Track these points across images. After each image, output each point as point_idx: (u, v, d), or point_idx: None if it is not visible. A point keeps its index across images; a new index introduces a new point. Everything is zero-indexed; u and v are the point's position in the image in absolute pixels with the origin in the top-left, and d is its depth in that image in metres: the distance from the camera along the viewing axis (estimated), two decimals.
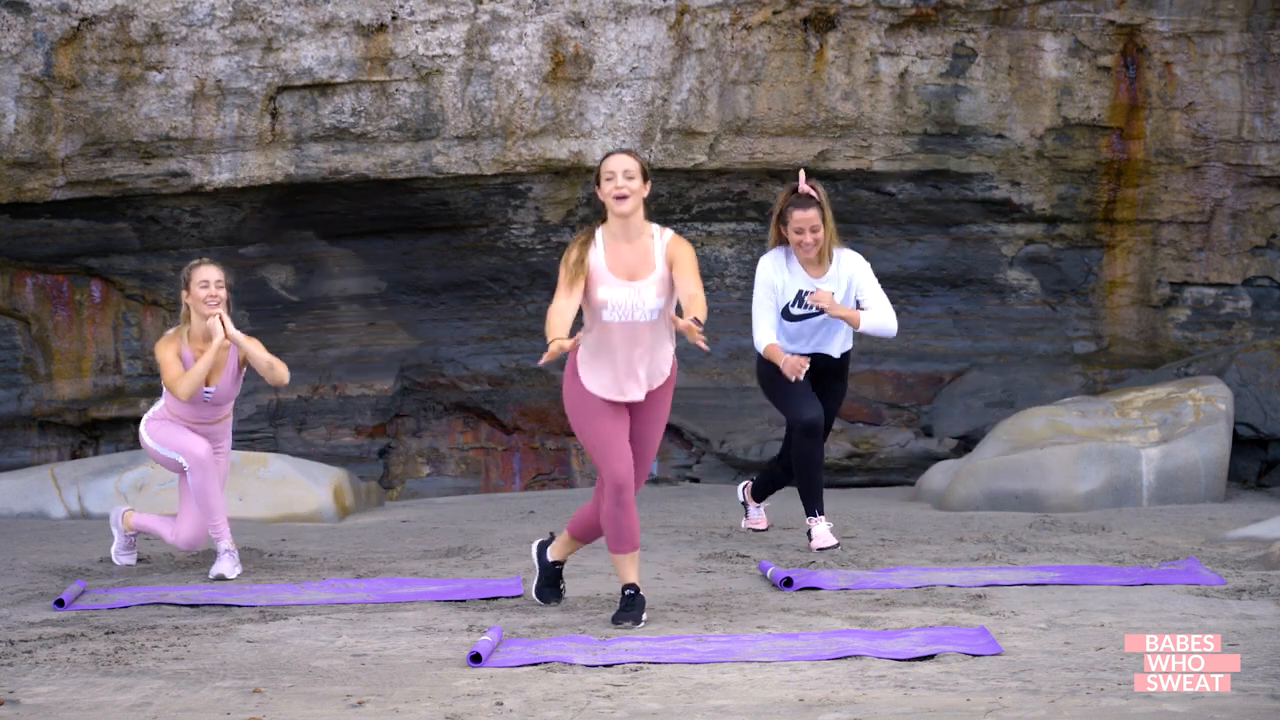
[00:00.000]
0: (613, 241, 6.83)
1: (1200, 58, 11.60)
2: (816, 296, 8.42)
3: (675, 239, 6.88)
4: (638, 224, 6.84)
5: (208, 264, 8.37)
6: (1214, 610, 6.73)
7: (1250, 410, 11.33)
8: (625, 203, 6.77)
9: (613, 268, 6.80)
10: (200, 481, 8.28)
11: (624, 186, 6.77)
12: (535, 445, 12.37)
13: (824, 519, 8.65)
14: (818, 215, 8.43)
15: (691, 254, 6.86)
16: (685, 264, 6.82)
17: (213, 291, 8.28)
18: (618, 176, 6.78)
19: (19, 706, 5.46)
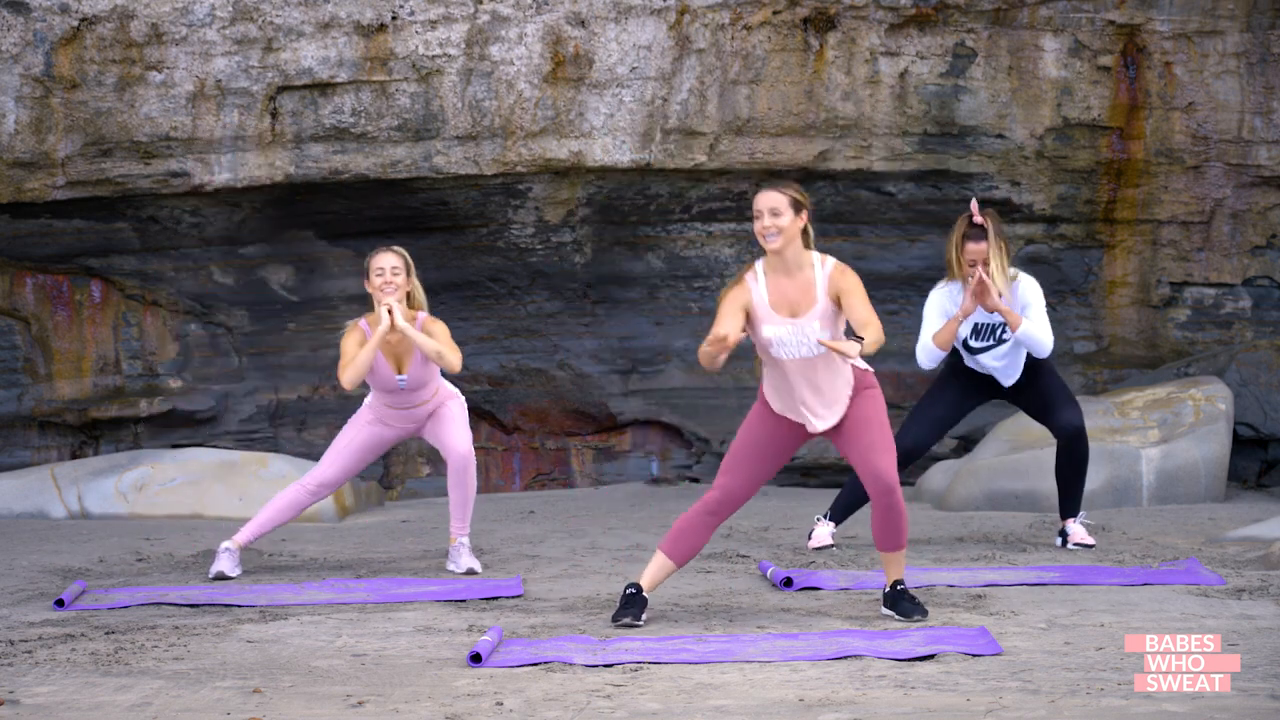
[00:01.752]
0: (773, 275, 6.77)
1: (1200, 58, 11.61)
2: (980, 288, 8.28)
3: (838, 269, 6.76)
4: (796, 256, 6.75)
5: (384, 251, 8.31)
6: (1214, 610, 6.73)
7: (1250, 410, 11.33)
8: (775, 241, 6.71)
9: (775, 305, 6.73)
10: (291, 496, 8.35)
11: (770, 225, 6.70)
12: (535, 445, 12.37)
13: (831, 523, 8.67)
14: (988, 247, 8.36)
15: (858, 284, 6.72)
16: (854, 295, 6.68)
17: (388, 279, 8.23)
18: (764, 216, 6.71)
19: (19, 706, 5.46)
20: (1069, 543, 8.60)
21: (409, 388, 8.32)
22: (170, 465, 10.75)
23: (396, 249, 8.35)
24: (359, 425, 8.46)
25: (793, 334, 6.73)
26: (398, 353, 8.31)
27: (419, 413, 8.44)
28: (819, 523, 8.70)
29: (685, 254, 12.03)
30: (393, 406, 8.39)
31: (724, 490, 6.85)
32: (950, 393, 8.69)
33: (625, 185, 11.58)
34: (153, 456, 10.93)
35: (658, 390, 12.26)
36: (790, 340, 6.73)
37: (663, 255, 11.99)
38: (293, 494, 8.36)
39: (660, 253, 11.97)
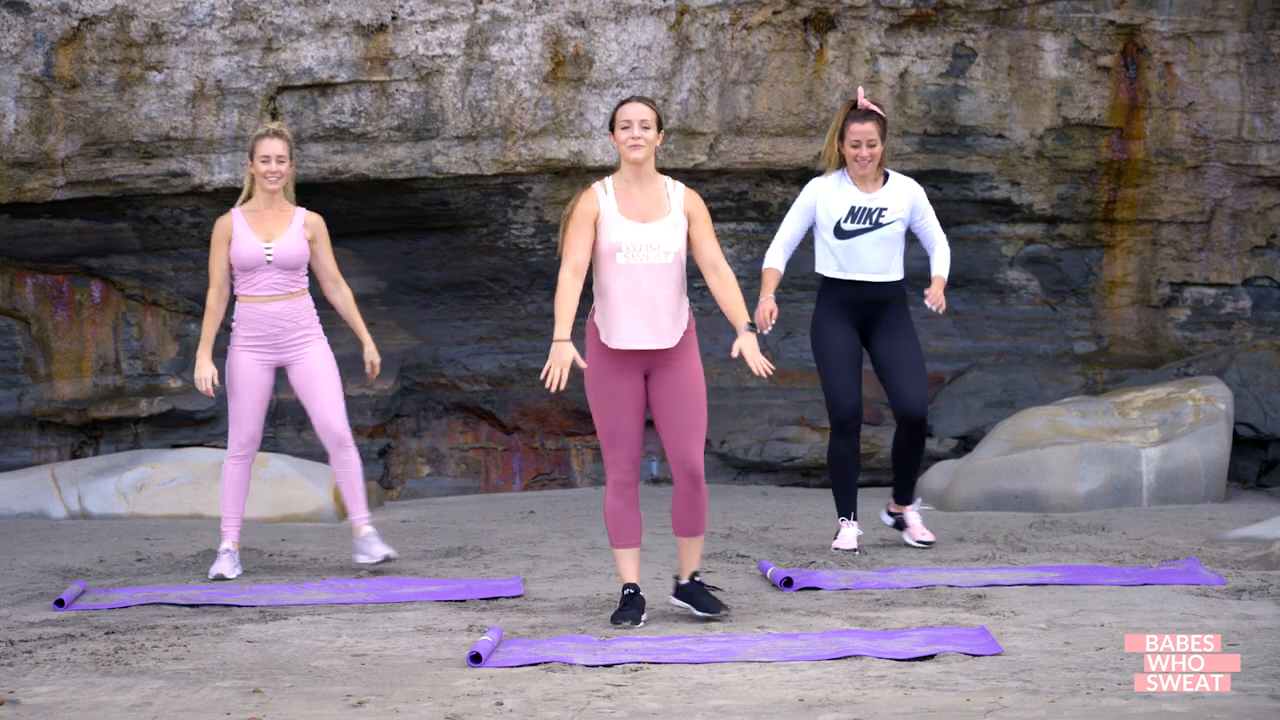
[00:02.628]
0: (624, 187, 6.81)
1: (1200, 58, 11.61)
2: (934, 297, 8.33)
3: (690, 192, 6.88)
4: (650, 172, 6.84)
5: (273, 135, 8.25)
6: (1214, 610, 6.73)
7: (1250, 410, 11.33)
8: (640, 150, 6.76)
9: (625, 210, 6.77)
10: (232, 470, 8.26)
11: (640, 136, 6.77)
12: (535, 445, 12.37)
13: (855, 523, 8.60)
14: (876, 129, 8.35)
15: (707, 211, 6.85)
16: (704, 223, 6.82)
17: (273, 167, 8.22)
18: (634, 126, 6.77)
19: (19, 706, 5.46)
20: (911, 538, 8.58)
21: (278, 264, 8.21)
22: (170, 465, 10.75)
23: (284, 132, 8.26)
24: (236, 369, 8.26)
25: (642, 237, 6.75)
26: (267, 222, 8.25)
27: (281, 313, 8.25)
28: (845, 524, 8.62)
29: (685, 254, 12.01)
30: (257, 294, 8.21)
31: (617, 467, 6.81)
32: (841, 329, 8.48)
33: None
34: (153, 456, 10.93)
35: None
36: (639, 244, 6.75)
37: None
38: (235, 469, 8.29)
39: None
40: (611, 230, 6.75)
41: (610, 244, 6.75)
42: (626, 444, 6.82)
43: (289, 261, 8.22)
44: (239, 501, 8.28)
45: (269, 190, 8.24)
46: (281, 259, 8.20)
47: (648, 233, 6.75)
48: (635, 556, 6.89)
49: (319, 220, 8.41)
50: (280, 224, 8.22)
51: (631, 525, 6.84)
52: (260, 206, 8.29)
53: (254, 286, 8.21)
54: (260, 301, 8.23)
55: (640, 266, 6.74)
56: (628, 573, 6.86)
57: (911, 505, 8.75)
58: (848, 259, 8.44)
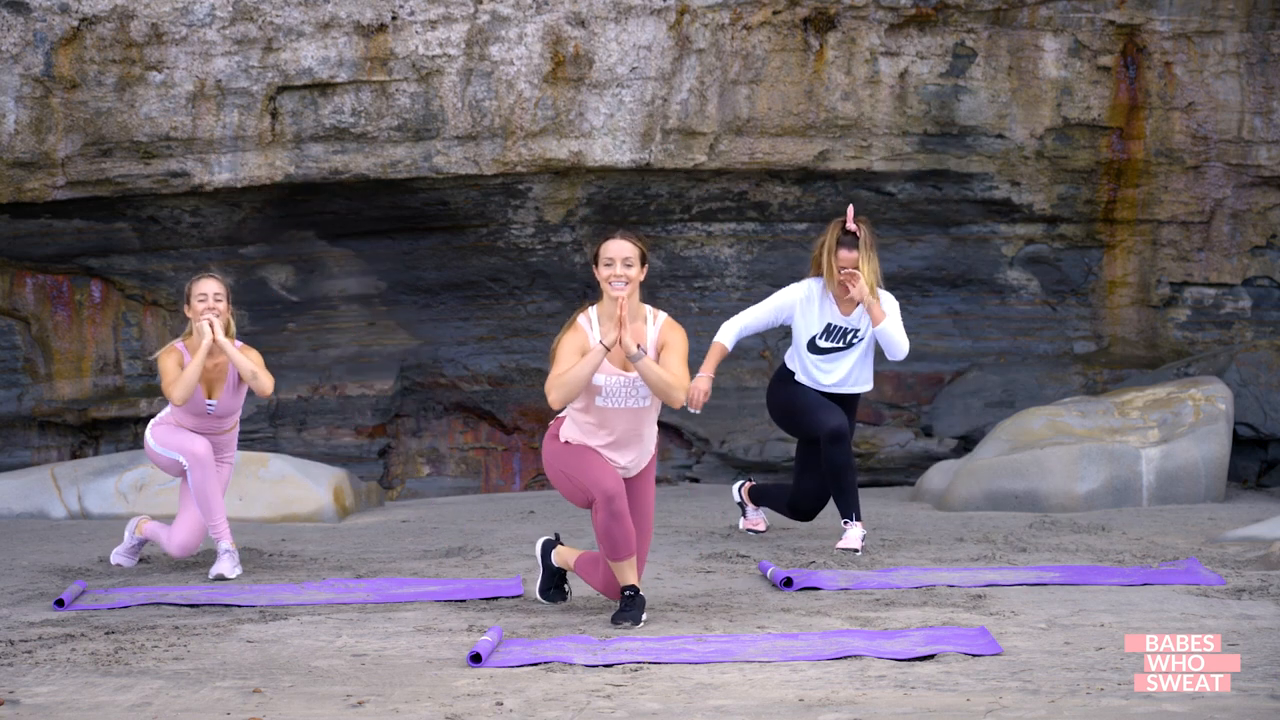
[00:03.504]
0: (607, 324, 6.82)
1: (1200, 58, 11.61)
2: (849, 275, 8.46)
3: (669, 323, 6.91)
4: (633, 307, 6.87)
5: (207, 277, 8.44)
6: (1214, 610, 6.73)
7: (1250, 410, 11.33)
8: (623, 289, 6.78)
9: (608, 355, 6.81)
10: (200, 480, 8.29)
11: (622, 275, 6.79)
12: (535, 445, 12.37)
13: (859, 524, 8.66)
14: (859, 257, 8.52)
15: (683, 340, 6.89)
16: (675, 350, 6.86)
17: (210, 304, 8.36)
18: (616, 264, 6.80)
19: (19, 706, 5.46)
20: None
21: (216, 413, 8.40)
22: None
23: (218, 275, 8.47)
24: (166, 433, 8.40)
25: (623, 385, 6.82)
26: (210, 379, 8.40)
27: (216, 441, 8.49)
28: (848, 524, 8.66)
29: (685, 254, 12.03)
30: (195, 430, 8.43)
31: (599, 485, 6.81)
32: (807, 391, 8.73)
33: (625, 185, 11.58)
34: None
35: None
36: (619, 391, 6.82)
37: (662, 255, 11.99)
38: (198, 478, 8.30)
39: (660, 253, 11.97)
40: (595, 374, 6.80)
41: (592, 386, 6.81)
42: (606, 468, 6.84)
43: (225, 413, 8.47)
44: (220, 504, 8.34)
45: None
46: (220, 410, 8.43)
47: (628, 381, 6.82)
48: (634, 563, 6.89)
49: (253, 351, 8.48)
50: (220, 375, 8.40)
51: (626, 538, 6.84)
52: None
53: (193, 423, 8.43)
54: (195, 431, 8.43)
55: (620, 410, 6.84)
56: (627, 576, 6.87)
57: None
58: (819, 372, 8.70)
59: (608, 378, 6.81)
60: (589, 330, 6.84)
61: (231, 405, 8.45)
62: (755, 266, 11.98)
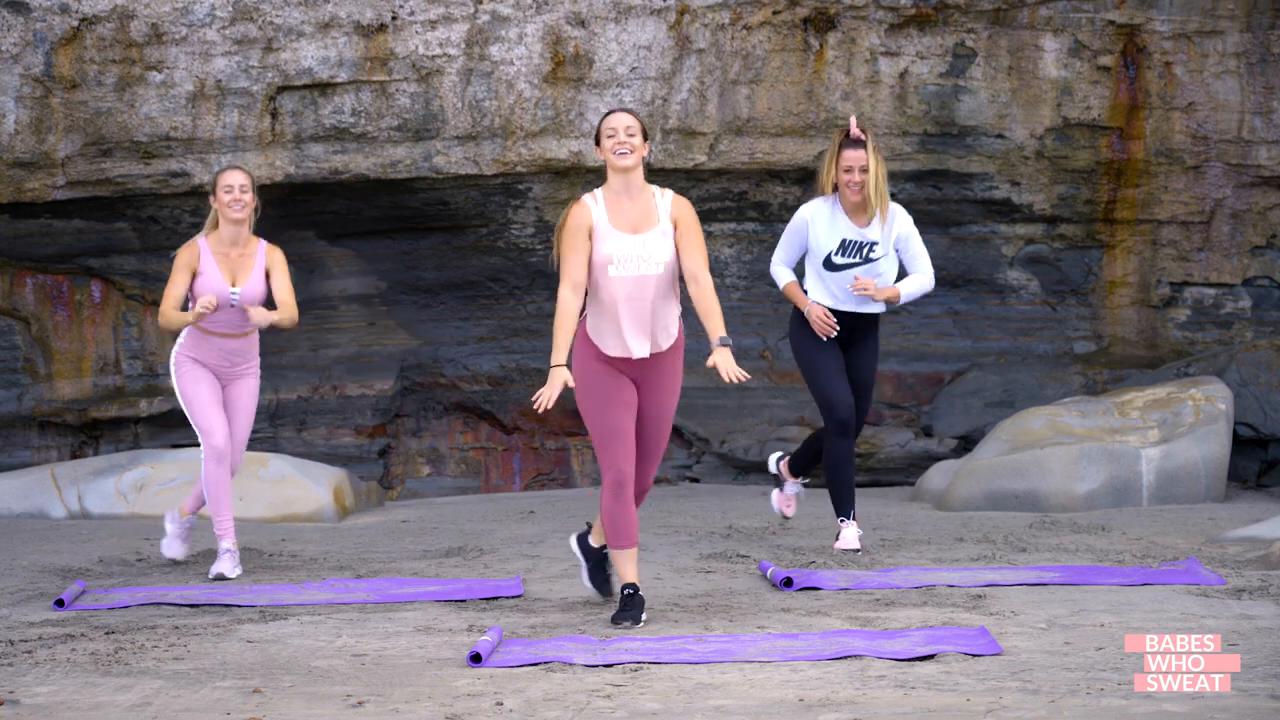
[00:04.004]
0: (614, 198, 6.82)
1: (1200, 58, 11.60)
2: (861, 283, 8.37)
3: (678, 198, 6.89)
4: (639, 182, 6.84)
5: (234, 168, 8.34)
6: (1214, 610, 6.73)
7: (1250, 410, 11.33)
8: (628, 158, 6.77)
9: (615, 222, 6.79)
10: (213, 476, 8.26)
11: (626, 143, 6.78)
12: (535, 445, 12.37)
13: (855, 523, 8.62)
14: (865, 155, 8.37)
15: (696, 218, 6.87)
16: (692, 230, 6.83)
17: (236, 196, 8.24)
18: (619, 133, 6.80)
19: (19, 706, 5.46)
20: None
21: (244, 300, 8.26)
22: (170, 465, 10.75)
23: (244, 168, 8.36)
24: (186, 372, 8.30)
25: (634, 249, 6.76)
26: (233, 265, 8.27)
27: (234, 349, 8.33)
28: (844, 524, 8.64)
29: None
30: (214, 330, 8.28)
31: (614, 467, 6.83)
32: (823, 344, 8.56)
33: None
34: (153, 456, 10.93)
35: None
36: (630, 256, 6.76)
37: None
38: (212, 473, 8.28)
39: None
40: (604, 243, 6.78)
41: (602, 256, 6.78)
42: (622, 442, 6.83)
43: (252, 303, 8.34)
44: (227, 501, 8.30)
45: (234, 219, 8.23)
46: (246, 301, 8.32)
47: (638, 243, 6.77)
48: (634, 556, 6.89)
49: (279, 255, 8.41)
50: (245, 265, 8.28)
51: (629, 525, 6.85)
52: (225, 243, 8.28)
53: (212, 322, 8.31)
54: (216, 336, 8.34)
55: (632, 278, 6.78)
56: (627, 573, 6.86)
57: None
58: (836, 290, 8.53)
59: (616, 243, 6.75)
60: (592, 206, 6.80)
61: (257, 295, 8.30)
62: (755, 266, 11.98)
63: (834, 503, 8.64)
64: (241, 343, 8.41)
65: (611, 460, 6.83)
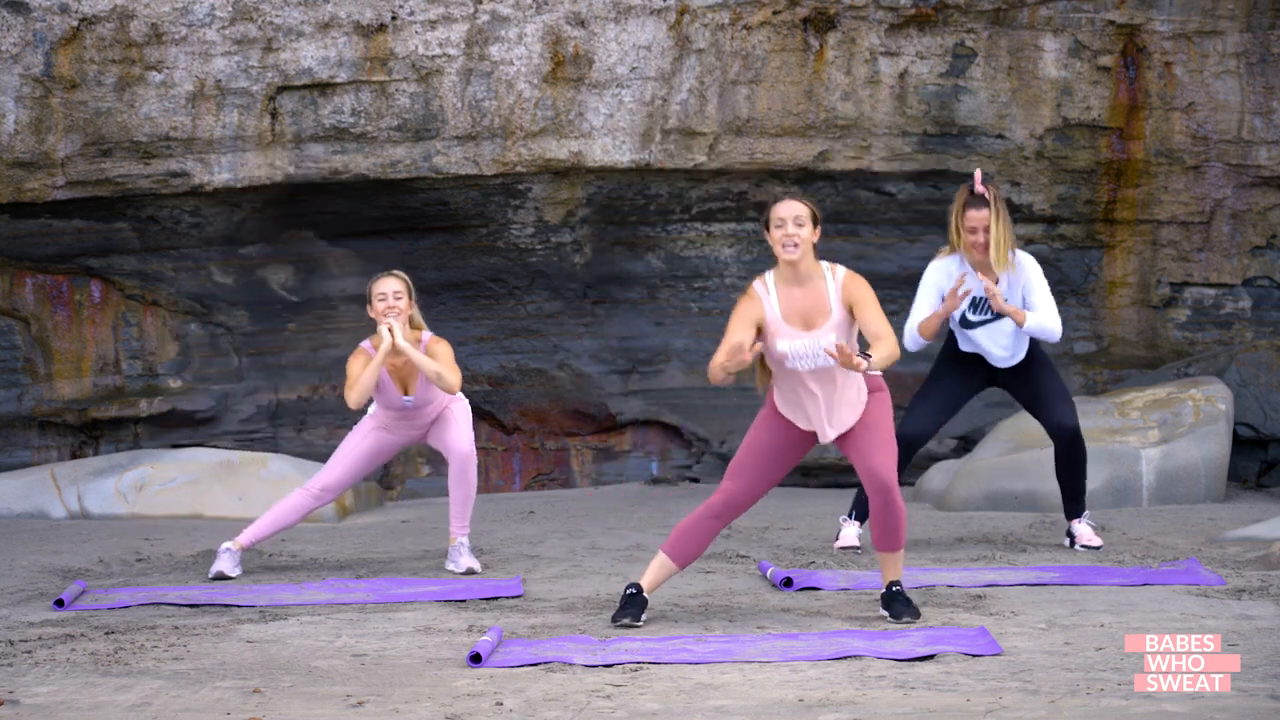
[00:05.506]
0: (785, 287, 6.74)
1: (1200, 58, 11.60)
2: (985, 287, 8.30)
3: (850, 277, 6.76)
4: (808, 268, 6.74)
5: (386, 276, 8.40)
6: (1214, 610, 6.73)
7: (1250, 410, 11.33)
8: (794, 252, 6.69)
9: (788, 317, 6.71)
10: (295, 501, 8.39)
11: (794, 235, 6.68)
12: (535, 445, 12.37)
13: (855, 522, 8.64)
14: (989, 215, 8.34)
15: (871, 293, 6.74)
16: (867, 303, 6.70)
17: (390, 304, 8.31)
18: (788, 224, 6.70)
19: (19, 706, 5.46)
20: (1076, 544, 8.58)
21: (415, 406, 8.41)
22: (170, 465, 10.75)
23: (399, 274, 8.45)
24: (364, 432, 8.50)
25: (808, 346, 6.71)
26: (403, 375, 8.38)
27: (424, 421, 8.50)
28: (845, 523, 8.66)
29: (685, 254, 12.03)
30: (399, 420, 8.46)
31: (729, 494, 6.84)
32: (948, 380, 8.64)
33: (625, 185, 11.58)
34: (153, 456, 10.93)
35: (657, 390, 12.26)
36: (806, 353, 6.72)
37: (662, 255, 11.99)
38: (297, 498, 8.39)
39: (660, 253, 11.98)
40: (777, 340, 6.71)
41: (778, 353, 6.73)
42: (750, 483, 6.81)
43: (424, 405, 8.45)
44: (275, 524, 8.35)
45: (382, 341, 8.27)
46: (419, 404, 8.42)
47: (812, 341, 6.69)
48: (670, 569, 6.83)
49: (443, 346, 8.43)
50: (413, 371, 8.35)
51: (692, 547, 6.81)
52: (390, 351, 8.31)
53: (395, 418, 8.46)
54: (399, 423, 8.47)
55: (809, 373, 6.73)
56: (646, 576, 6.85)
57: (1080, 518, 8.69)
58: (977, 345, 8.55)
59: (790, 341, 6.70)
60: (765, 298, 6.73)
61: (428, 397, 8.39)
62: (755, 266, 11.98)
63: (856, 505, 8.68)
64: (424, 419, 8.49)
65: (727, 488, 6.81)
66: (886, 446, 6.76)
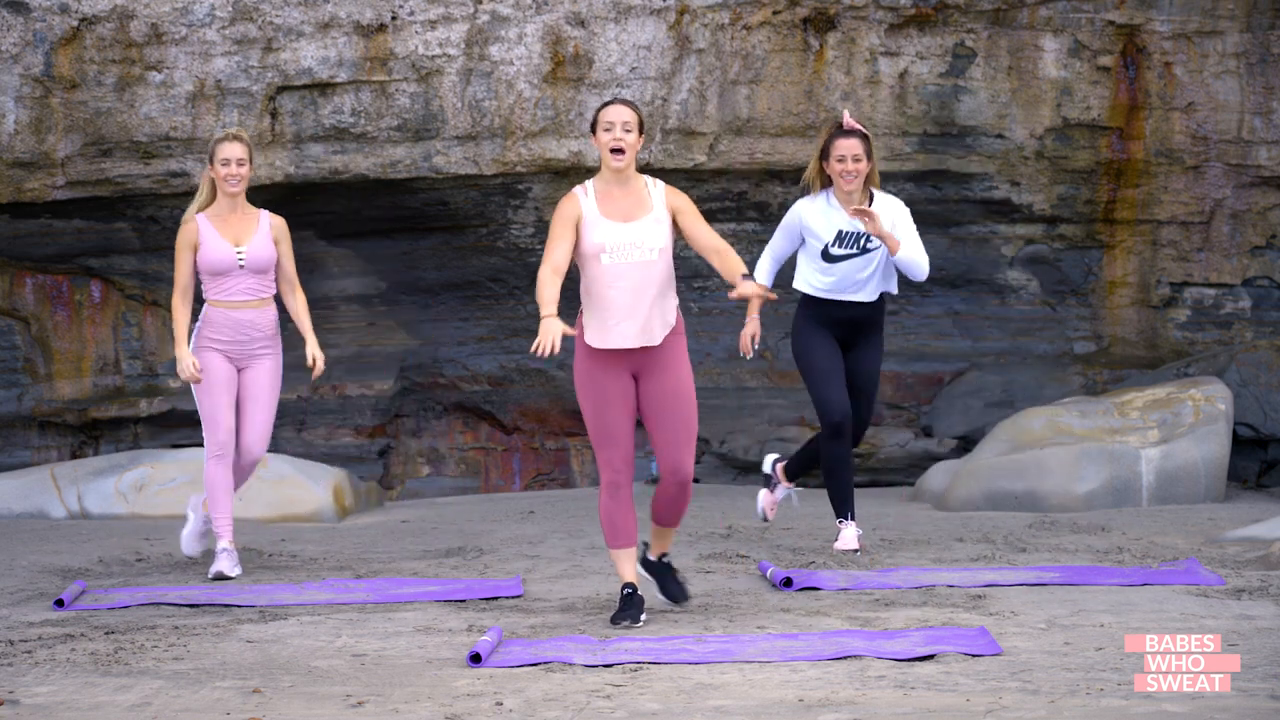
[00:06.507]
0: (605, 188, 6.83)
1: (1200, 58, 11.61)
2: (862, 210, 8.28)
3: (670, 189, 6.90)
4: (631, 173, 6.86)
5: (233, 139, 8.23)
6: (1214, 610, 6.73)
7: (1250, 410, 11.33)
8: (621, 156, 6.77)
9: (606, 212, 6.78)
10: (213, 470, 8.22)
11: (621, 139, 6.78)
12: (535, 445, 12.37)
13: (853, 523, 8.61)
14: (860, 145, 8.35)
15: (690, 201, 6.88)
16: (691, 213, 6.85)
17: (233, 170, 8.18)
18: (616, 127, 6.79)
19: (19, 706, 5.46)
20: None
21: (250, 268, 8.19)
22: (170, 465, 10.75)
23: (243, 135, 8.25)
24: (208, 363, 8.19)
25: (626, 236, 6.75)
26: (236, 226, 8.22)
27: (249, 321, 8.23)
28: (843, 524, 8.63)
29: (685, 254, 12.02)
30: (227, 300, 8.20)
31: (610, 467, 6.82)
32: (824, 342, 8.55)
33: None
34: (153, 456, 10.93)
35: None
36: (622, 244, 6.75)
37: None
38: (214, 471, 8.22)
39: None
40: (594, 231, 6.77)
41: (594, 245, 6.76)
42: (619, 443, 6.82)
43: (260, 265, 8.25)
44: (228, 501, 8.25)
45: (230, 193, 8.20)
46: (253, 262, 8.22)
47: (631, 231, 6.77)
48: (632, 556, 6.89)
49: (283, 223, 8.39)
50: (248, 227, 8.21)
51: (627, 525, 6.85)
52: (224, 211, 8.25)
53: (225, 292, 8.22)
54: (231, 307, 8.24)
55: (625, 265, 6.76)
56: (626, 573, 6.87)
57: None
58: (834, 282, 8.51)
59: (608, 231, 6.74)
60: (582, 199, 6.80)
61: (265, 255, 8.20)
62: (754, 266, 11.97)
63: (833, 504, 8.64)
64: (255, 313, 8.29)
65: (606, 460, 6.82)
66: (689, 435, 6.88)
